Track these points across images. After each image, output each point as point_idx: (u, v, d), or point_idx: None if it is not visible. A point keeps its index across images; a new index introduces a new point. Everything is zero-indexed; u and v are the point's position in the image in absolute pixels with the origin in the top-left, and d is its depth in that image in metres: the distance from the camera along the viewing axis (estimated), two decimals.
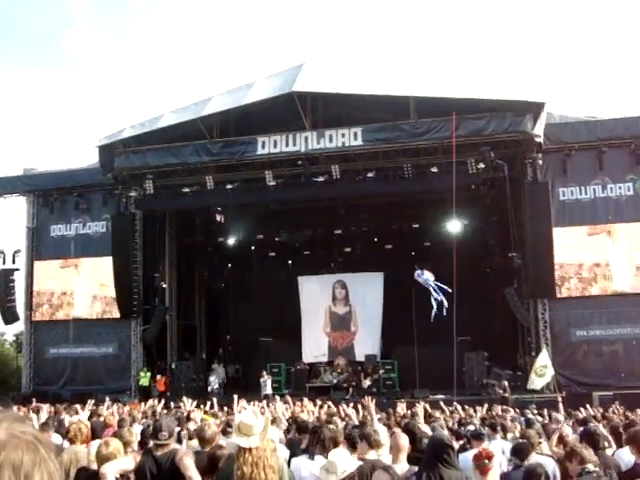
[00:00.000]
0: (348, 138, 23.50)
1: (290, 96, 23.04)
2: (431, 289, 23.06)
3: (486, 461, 5.92)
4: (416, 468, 5.91)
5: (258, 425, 5.39)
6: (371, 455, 6.51)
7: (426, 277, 23.05)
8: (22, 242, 28.95)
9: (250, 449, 5.29)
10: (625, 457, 6.92)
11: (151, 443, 6.22)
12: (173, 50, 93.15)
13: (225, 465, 5.66)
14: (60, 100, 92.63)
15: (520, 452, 6.84)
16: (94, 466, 6.32)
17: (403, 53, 74.81)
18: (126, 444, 6.70)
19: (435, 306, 22.69)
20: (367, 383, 25.31)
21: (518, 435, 9.19)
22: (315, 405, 14.84)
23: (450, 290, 22.93)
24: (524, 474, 6.12)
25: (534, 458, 6.84)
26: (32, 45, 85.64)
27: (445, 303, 22.64)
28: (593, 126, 23.96)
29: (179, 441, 7.40)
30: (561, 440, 7.99)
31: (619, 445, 7.66)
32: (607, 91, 71.26)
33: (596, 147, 23.63)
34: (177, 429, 6.54)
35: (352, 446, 6.59)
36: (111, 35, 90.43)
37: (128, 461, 6.11)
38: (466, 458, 6.64)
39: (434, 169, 23.69)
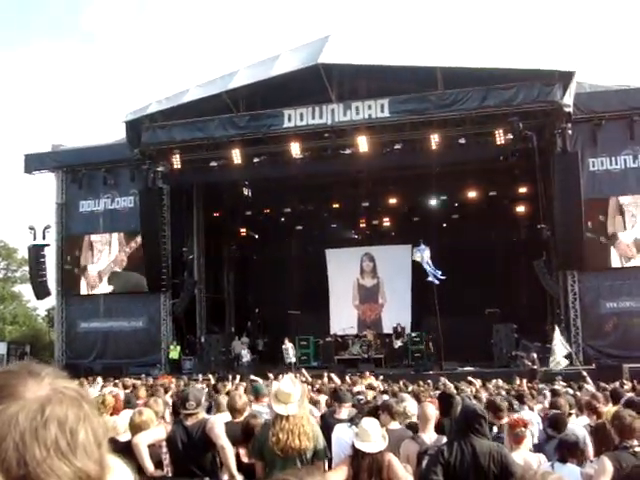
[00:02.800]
0: (375, 110, 23.35)
1: (316, 68, 22.90)
2: (427, 268, 23.22)
3: (522, 429, 5.91)
4: (444, 438, 5.92)
5: (295, 393, 5.43)
6: (394, 425, 6.54)
7: (424, 256, 23.27)
8: (52, 218, 29.27)
9: (287, 417, 5.34)
10: None
11: (181, 413, 6.29)
12: (198, 24, 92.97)
13: (261, 432, 5.71)
14: (87, 76, 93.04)
15: (557, 423, 6.80)
16: (123, 437, 6.40)
17: (429, 24, 73.97)
18: (155, 414, 6.78)
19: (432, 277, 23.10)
20: (398, 344, 25.52)
21: (547, 406, 9.18)
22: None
23: (444, 277, 23.10)
24: (557, 444, 6.09)
25: (568, 429, 6.81)
26: (55, 21, 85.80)
27: (436, 281, 23.02)
28: (624, 95, 23.58)
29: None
30: (593, 410, 7.94)
31: None
32: (638, 59, 69.98)
33: (627, 116, 23.28)
34: (204, 398, 6.61)
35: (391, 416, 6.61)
36: (135, 9, 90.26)
37: (160, 431, 6.19)
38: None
39: (462, 140, 23.49)
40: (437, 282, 23.29)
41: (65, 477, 1.00)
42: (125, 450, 5.59)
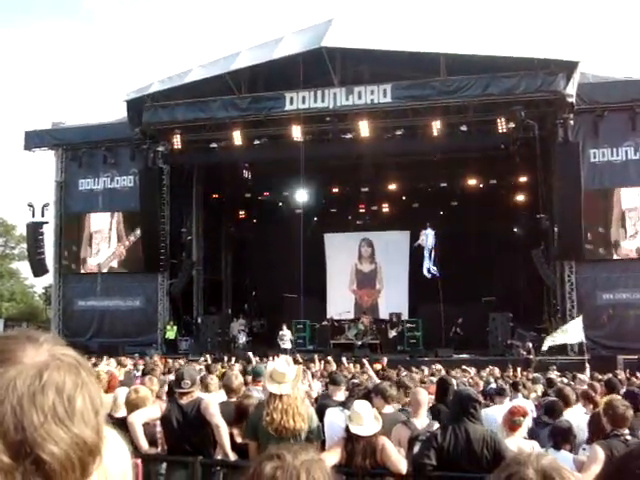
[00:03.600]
0: (377, 95, 23.28)
1: (319, 52, 22.81)
2: (426, 254, 23.30)
3: (521, 418, 5.95)
4: (436, 423, 5.96)
5: (290, 373, 5.45)
6: (387, 409, 6.58)
7: (429, 240, 23.35)
8: (51, 196, 29.23)
9: (280, 396, 5.36)
10: None
11: (176, 392, 6.32)
12: (202, 4, 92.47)
13: (255, 412, 5.74)
14: (89, 55, 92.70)
15: (552, 410, 6.84)
16: (119, 413, 6.44)
17: (434, 10, 73.59)
18: (150, 393, 6.82)
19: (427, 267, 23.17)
20: (393, 334, 25.59)
21: (540, 394, 9.22)
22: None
23: (438, 275, 23.25)
24: (551, 430, 6.13)
25: (567, 416, 6.85)
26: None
27: (431, 271, 23.12)
28: (627, 86, 23.51)
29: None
30: (589, 400, 7.98)
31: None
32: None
33: (629, 108, 23.22)
34: (199, 377, 6.64)
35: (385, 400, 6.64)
36: None
37: (154, 409, 6.23)
38: (487, 414, 6.67)
39: (463, 128, 23.48)
40: (428, 275, 23.42)
41: (62, 443, 1.00)
42: (120, 426, 5.61)
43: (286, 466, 1.61)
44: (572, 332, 19.14)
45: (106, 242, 28.32)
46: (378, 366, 14.78)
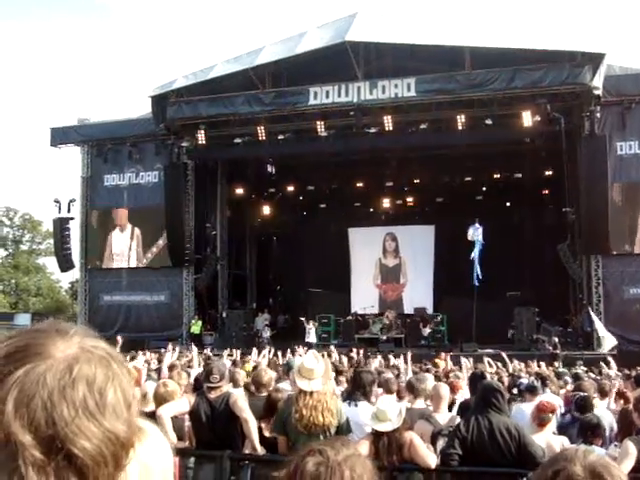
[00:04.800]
0: (401, 89, 23.18)
1: (343, 46, 22.75)
2: (476, 250, 23.11)
3: (550, 414, 5.92)
4: (457, 418, 5.95)
5: (319, 369, 5.44)
6: (418, 404, 6.57)
7: (478, 236, 23.16)
8: (77, 191, 29.51)
9: (311, 392, 5.35)
10: None
11: (204, 386, 6.34)
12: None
13: (283, 407, 5.74)
14: (114, 52, 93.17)
15: (584, 406, 6.79)
16: (148, 407, 6.47)
17: (457, 2, 73.16)
18: (179, 387, 6.86)
19: (477, 267, 22.91)
20: (427, 331, 25.41)
21: (571, 389, 9.16)
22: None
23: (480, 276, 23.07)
24: (580, 426, 6.09)
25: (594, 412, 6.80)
26: None
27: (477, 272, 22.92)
28: None
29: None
30: (621, 395, 7.92)
31: None
32: None
33: None
34: (227, 372, 6.66)
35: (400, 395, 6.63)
36: None
37: (183, 403, 6.25)
38: (520, 409, 6.64)
39: (488, 121, 23.32)
40: (476, 283, 23.28)
41: (93, 437, 0.99)
42: (149, 420, 5.63)
43: (329, 462, 1.60)
44: (607, 337, 19.28)
45: (131, 237, 28.46)
46: (441, 362, 14.76)
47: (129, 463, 1.07)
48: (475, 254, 23.37)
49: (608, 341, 19.80)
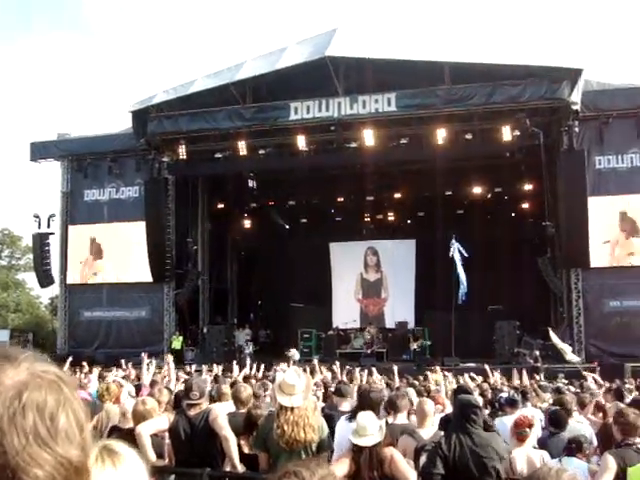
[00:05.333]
0: (381, 104, 23.28)
1: (323, 61, 22.83)
2: (458, 265, 23.08)
3: (527, 429, 5.92)
4: (442, 433, 5.93)
5: (300, 384, 5.41)
6: (400, 419, 6.55)
7: (458, 250, 23.14)
8: (57, 206, 29.27)
9: (292, 408, 5.31)
10: None
11: (184, 403, 6.29)
12: (206, 14, 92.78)
13: (264, 423, 5.70)
14: (94, 66, 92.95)
15: (558, 420, 6.81)
16: (127, 425, 6.41)
17: (438, 18, 73.72)
18: (158, 404, 6.80)
19: (462, 285, 22.85)
20: (414, 346, 25.36)
21: (551, 402, 9.18)
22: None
23: (463, 288, 23.04)
24: (568, 440, 6.10)
25: (572, 426, 6.82)
26: (59, 11, 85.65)
27: (463, 287, 22.85)
28: (632, 93, 23.44)
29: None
30: (599, 408, 7.95)
31: None
32: None
33: (634, 115, 23.16)
34: (208, 389, 6.59)
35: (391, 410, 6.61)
36: (141, 2, 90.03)
37: (162, 421, 6.19)
38: (501, 422, 6.64)
39: (468, 136, 23.46)
40: (463, 298, 23.20)
41: (46, 465, 0.97)
42: (127, 438, 5.58)
43: None
44: (569, 354, 19.30)
45: (111, 252, 28.28)
46: (436, 375, 14.87)
47: None
48: (459, 271, 23.30)
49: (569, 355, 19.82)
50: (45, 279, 28.93)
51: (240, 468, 5.80)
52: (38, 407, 1.00)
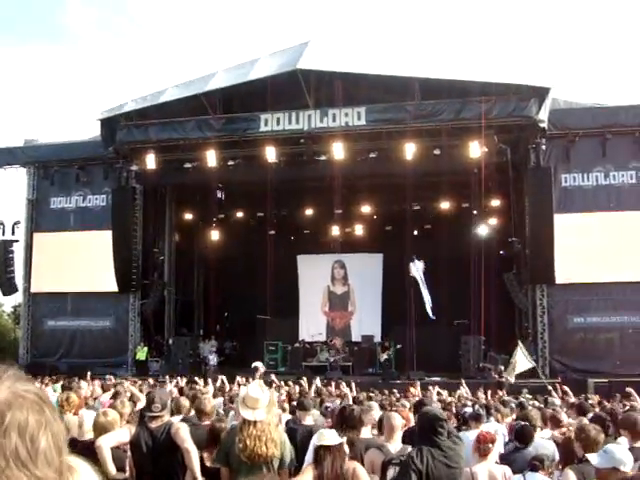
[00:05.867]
0: (351, 118, 23.39)
1: (294, 73, 22.89)
2: (421, 284, 23.18)
3: (489, 445, 5.94)
4: (409, 447, 5.92)
5: (264, 399, 5.39)
6: (365, 434, 6.53)
7: (419, 271, 23.20)
8: (22, 214, 28.91)
9: (255, 422, 5.28)
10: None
11: (146, 416, 6.22)
12: (176, 25, 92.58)
13: (226, 437, 5.66)
14: (63, 74, 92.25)
15: (524, 435, 6.84)
16: (86, 436, 6.32)
17: (408, 34, 74.35)
18: (120, 416, 6.71)
19: (428, 302, 22.95)
20: (384, 357, 25.32)
21: (514, 417, 9.23)
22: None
23: (429, 304, 23.14)
24: (532, 458, 6.13)
25: (536, 441, 6.85)
26: (32, 19, 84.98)
27: (429, 305, 22.95)
28: (598, 113, 23.83)
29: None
30: (557, 424, 8.00)
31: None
32: (613, 78, 70.98)
33: (600, 134, 23.50)
34: (169, 401, 6.52)
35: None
36: (111, 8, 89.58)
37: (124, 433, 6.11)
38: (465, 436, 6.65)
39: (437, 151, 23.64)
40: (430, 313, 23.24)
41: None
42: (87, 451, 5.50)
43: None
44: (520, 363, 19.26)
45: (77, 261, 27.99)
46: (415, 390, 15.00)
47: None
48: (422, 289, 23.41)
49: (519, 365, 19.81)
50: (8, 287, 28.51)
51: None
52: (20, 428, 0.98)
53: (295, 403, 8.77)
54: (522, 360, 19.59)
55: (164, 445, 5.83)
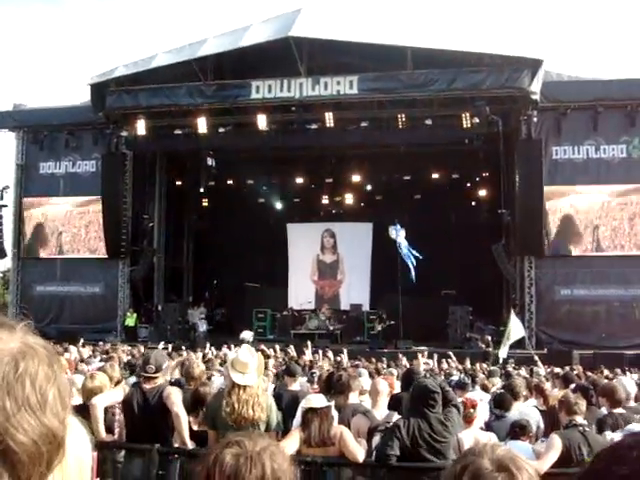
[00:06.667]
0: (343, 86, 23.29)
1: (286, 41, 22.71)
2: (402, 251, 23.10)
3: (472, 410, 6.03)
4: (395, 414, 6.00)
5: (253, 363, 5.45)
6: (352, 399, 6.61)
7: (400, 235, 23.08)
8: (10, 179, 28.75)
9: (244, 386, 5.35)
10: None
11: (140, 376, 6.28)
12: None
13: (213, 401, 5.73)
14: (53, 37, 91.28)
15: (502, 403, 6.94)
16: (74, 401, 6.37)
17: (402, 3, 73.67)
18: (110, 379, 6.77)
19: (412, 268, 22.86)
20: (378, 328, 25.33)
21: (500, 386, 9.35)
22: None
23: (421, 257, 22.98)
24: (511, 424, 6.23)
25: (518, 408, 6.96)
26: None
27: (413, 270, 22.80)
28: (590, 86, 23.76)
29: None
30: (541, 393, 8.11)
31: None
32: (606, 52, 70.73)
33: (592, 107, 23.48)
34: (166, 364, 6.56)
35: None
36: None
37: (118, 393, 6.19)
38: None
39: (428, 121, 23.59)
40: (413, 273, 23.03)
41: (32, 433, 0.99)
42: (76, 415, 5.53)
43: (247, 453, 1.61)
44: (514, 331, 19.23)
45: (67, 227, 27.95)
46: (424, 360, 15.09)
47: (60, 463, 1.06)
48: (403, 252, 23.30)
49: (514, 333, 19.76)
50: None
51: (190, 444, 5.82)
52: (31, 378, 1.01)
53: (282, 369, 8.86)
54: (516, 327, 19.67)
55: (155, 407, 5.89)
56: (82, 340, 18.18)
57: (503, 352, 18.53)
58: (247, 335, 24.07)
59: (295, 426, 5.81)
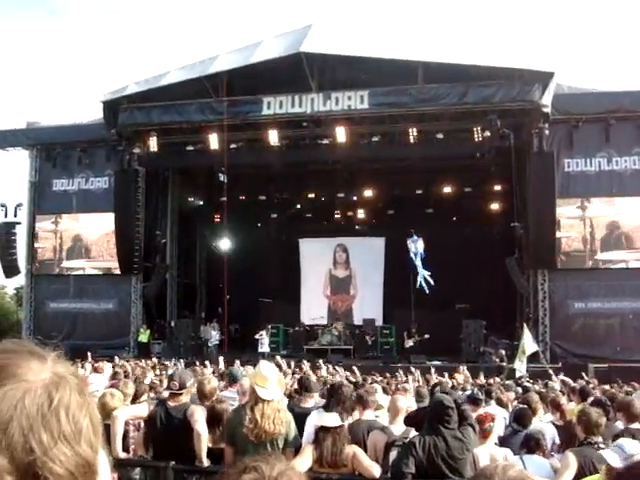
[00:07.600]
0: (354, 101, 23.32)
1: (297, 56, 22.80)
2: (417, 263, 23.01)
3: (491, 424, 5.98)
4: (412, 430, 5.96)
5: (273, 377, 5.43)
6: (367, 416, 6.56)
7: (418, 246, 23.00)
8: (24, 196, 28.93)
9: (268, 401, 5.33)
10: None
11: (166, 394, 6.28)
12: (181, 7, 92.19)
13: (232, 417, 5.70)
14: (65, 54, 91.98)
15: (522, 418, 6.88)
16: None
17: (412, 17, 73.94)
18: (124, 396, 6.76)
19: (421, 279, 22.74)
20: (410, 343, 25.14)
21: (513, 399, 9.28)
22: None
23: (431, 282, 22.82)
24: (525, 437, 6.17)
25: (534, 424, 6.89)
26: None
27: (429, 280, 22.66)
28: (601, 98, 23.74)
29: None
30: (557, 407, 8.04)
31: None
32: (617, 63, 70.65)
33: (603, 119, 23.45)
34: (190, 381, 6.52)
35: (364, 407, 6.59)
36: None
37: (142, 408, 6.19)
38: None
39: (440, 135, 23.60)
40: (426, 289, 22.84)
41: (69, 464, 0.99)
42: None
43: (265, 479, 1.59)
44: (527, 345, 19.10)
45: (80, 244, 28.06)
46: (460, 376, 15.04)
47: None
48: (418, 265, 23.21)
49: (528, 348, 19.60)
50: (10, 269, 28.51)
51: (206, 463, 5.79)
52: (65, 408, 1.02)
53: (297, 386, 8.80)
54: (529, 342, 19.54)
55: (178, 425, 5.87)
56: (90, 355, 18.18)
57: (521, 366, 18.36)
58: (263, 337, 24.09)
59: (305, 442, 5.77)
